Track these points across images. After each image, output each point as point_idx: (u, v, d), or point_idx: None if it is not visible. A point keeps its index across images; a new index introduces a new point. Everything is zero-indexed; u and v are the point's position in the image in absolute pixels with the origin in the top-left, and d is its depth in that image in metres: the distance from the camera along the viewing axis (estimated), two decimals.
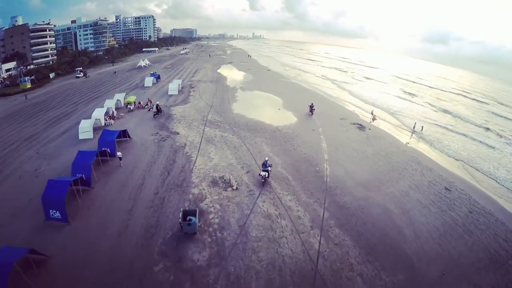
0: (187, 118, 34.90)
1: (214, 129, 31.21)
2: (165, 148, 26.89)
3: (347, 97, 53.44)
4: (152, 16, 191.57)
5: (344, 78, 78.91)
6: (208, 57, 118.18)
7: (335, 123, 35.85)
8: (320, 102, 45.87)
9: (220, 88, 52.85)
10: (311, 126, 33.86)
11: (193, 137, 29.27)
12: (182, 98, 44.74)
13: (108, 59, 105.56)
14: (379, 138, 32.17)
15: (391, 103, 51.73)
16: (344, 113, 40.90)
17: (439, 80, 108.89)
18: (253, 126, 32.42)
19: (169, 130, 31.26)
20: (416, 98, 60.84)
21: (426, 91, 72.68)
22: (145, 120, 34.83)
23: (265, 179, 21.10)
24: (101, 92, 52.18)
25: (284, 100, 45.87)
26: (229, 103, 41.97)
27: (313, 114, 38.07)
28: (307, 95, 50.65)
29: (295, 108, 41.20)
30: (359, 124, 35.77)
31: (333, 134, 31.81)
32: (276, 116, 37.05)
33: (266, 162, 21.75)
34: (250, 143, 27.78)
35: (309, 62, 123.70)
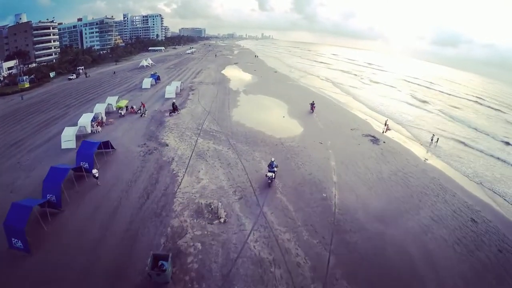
0: (180, 127, 31.41)
1: (208, 141, 27.63)
2: (150, 163, 23.47)
3: (356, 103, 49.12)
4: (160, 15, 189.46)
5: (353, 82, 74.14)
6: (214, 57, 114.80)
7: (346, 134, 31.91)
8: (329, 109, 42.13)
9: (221, 91, 49.28)
10: (319, 137, 29.98)
11: (183, 150, 25.76)
12: (179, 102, 41.26)
13: (112, 58, 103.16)
14: (395, 153, 28.18)
15: (403, 112, 46.92)
16: (355, 122, 36.82)
17: (450, 84, 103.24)
18: (253, 138, 28.71)
19: (158, 140, 27.84)
20: (428, 105, 55.64)
21: (438, 97, 67.48)
22: (135, 128, 31.51)
23: (271, 180, 20.50)
24: (97, 93, 49.26)
25: (290, 106, 42.05)
26: (229, 109, 38.32)
27: (318, 118, 34.82)
28: (314, 100, 46.65)
29: (302, 115, 37.46)
30: (372, 136, 31.77)
31: (343, 148, 27.91)
32: (279, 125, 33.21)
33: (272, 163, 20.87)
34: (247, 160, 24.10)
35: (318, 64, 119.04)
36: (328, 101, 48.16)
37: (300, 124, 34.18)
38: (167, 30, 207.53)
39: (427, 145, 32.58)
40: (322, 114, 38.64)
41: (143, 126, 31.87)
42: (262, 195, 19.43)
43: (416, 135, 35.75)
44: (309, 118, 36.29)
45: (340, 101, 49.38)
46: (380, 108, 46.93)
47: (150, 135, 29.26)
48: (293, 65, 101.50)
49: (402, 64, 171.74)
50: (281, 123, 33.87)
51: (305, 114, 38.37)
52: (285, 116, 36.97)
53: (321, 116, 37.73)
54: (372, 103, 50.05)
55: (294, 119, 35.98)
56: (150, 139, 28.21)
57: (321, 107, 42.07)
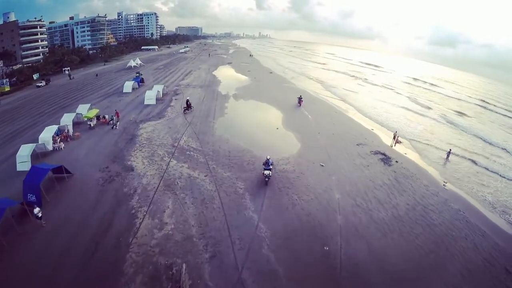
0: (154, 143, 25.81)
1: (182, 164, 22.03)
2: (107, 195, 18.07)
3: (359, 109, 43.59)
4: (155, 13, 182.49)
5: (353, 85, 68.17)
6: (208, 56, 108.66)
7: (351, 151, 26.31)
8: (330, 117, 36.61)
9: (208, 96, 43.56)
10: (320, 157, 24.41)
11: (150, 177, 20.21)
12: (159, 109, 35.63)
13: (101, 58, 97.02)
14: (410, 177, 22.80)
15: (408, 121, 40.71)
16: (361, 134, 31.14)
17: (451, 86, 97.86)
18: (238, 159, 23.08)
19: (123, 162, 22.28)
20: (433, 112, 49.27)
21: (441, 101, 61.46)
22: (102, 144, 25.96)
23: (268, 178, 19.60)
24: (75, 98, 43.59)
25: (286, 114, 36.33)
26: (214, 119, 32.54)
27: (318, 129, 29.97)
28: (315, 107, 41.05)
29: (299, 126, 31.82)
30: (382, 154, 26.30)
31: (349, 172, 22.36)
32: (272, 140, 27.47)
33: (268, 161, 19.95)
34: (227, 193, 18.54)
35: (316, 64, 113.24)
36: (329, 107, 42.43)
37: (297, 138, 28.49)
38: (162, 28, 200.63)
39: (441, 163, 27.29)
40: (323, 124, 33.25)
41: (111, 142, 26.29)
42: (256, 199, 13.99)
43: (427, 150, 30.28)
44: (307, 130, 30.66)
45: (343, 107, 43.78)
46: (384, 116, 41.13)
47: (116, 154, 23.69)
48: (290, 66, 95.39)
49: (401, 65, 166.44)
50: (274, 137, 28.18)
51: (303, 124, 32.80)
52: (279, 127, 31.23)
53: (322, 126, 32.25)
54: (373, 110, 44.20)
55: (290, 131, 30.32)
56: (115, 160, 22.65)
57: (322, 115, 36.81)
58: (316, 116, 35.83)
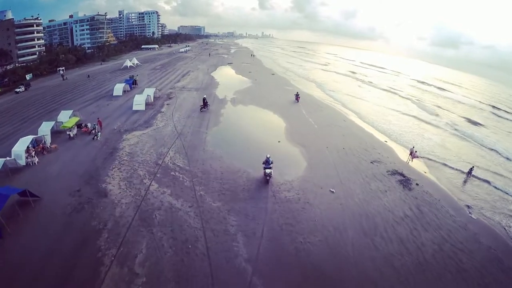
0: (135, 159, 22.05)
1: (164, 189, 18.23)
2: (73, 230, 14.73)
3: (368, 119, 39.20)
4: (156, 12, 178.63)
5: (358, 89, 63.82)
6: (208, 56, 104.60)
7: (366, 171, 22.32)
8: (339, 128, 32.37)
9: None
10: (329, 179, 20.52)
11: (126, 206, 16.48)
12: (147, 116, 31.83)
13: (99, 57, 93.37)
14: (433, 204, 19.03)
15: (419, 133, 35.61)
16: (374, 148, 27.16)
17: (459, 89, 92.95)
18: (231, 183, 19.23)
19: (98, 185, 18.61)
20: (443, 120, 44.02)
21: (452, 107, 56.77)
22: (79, 159, 22.38)
23: (270, 177, 19.17)
24: (63, 102, 40.14)
25: (290, 123, 32.34)
26: (206, 129, 28.64)
27: (327, 142, 26.22)
28: (321, 114, 37.04)
29: (305, 138, 27.83)
30: (401, 174, 22.40)
31: (365, 201, 18.44)
32: (273, 157, 23.25)
33: (268, 159, 19.50)
34: (216, 233, 14.69)
35: (319, 65, 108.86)
36: (337, 115, 38.20)
37: (302, 153, 24.51)
38: (164, 27, 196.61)
39: (463, 184, 23.39)
40: (331, 135, 29.49)
41: (89, 157, 22.60)
42: None
43: (444, 168, 26.09)
44: (314, 143, 26.68)
45: (350, 115, 39.71)
46: (394, 126, 36.69)
47: (91, 173, 20.01)
48: (293, 67, 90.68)
49: (404, 66, 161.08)
50: (275, 153, 23.80)
51: (309, 135, 28.88)
52: (282, 140, 27.26)
53: (330, 139, 28.37)
54: (383, 119, 39.66)
55: (294, 144, 26.36)
56: (89, 181, 18.99)
57: (330, 125, 32.89)
58: (323, 126, 31.96)
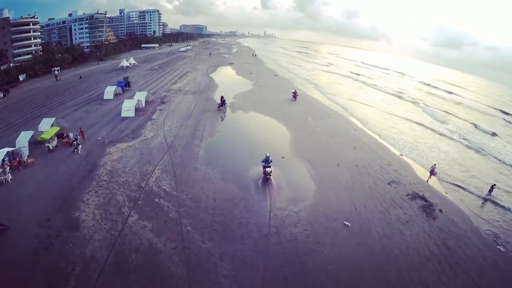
0: (116, 179, 18.71)
1: (145, 222, 14.83)
2: (37, 274, 11.66)
3: (378, 126, 35.43)
4: (158, 10, 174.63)
5: (364, 94, 59.35)
6: (208, 56, 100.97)
7: (383, 195, 18.78)
8: (350, 138, 28.67)
9: (200, 106, 36.12)
10: (343, 208, 17.04)
11: (98, 244, 13.26)
12: (136, 125, 28.41)
13: (97, 57, 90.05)
14: (460, 237, 16.00)
15: (432, 146, 30.90)
16: (390, 163, 23.61)
17: (465, 91, 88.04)
18: (225, 214, 15.74)
19: (70, 212, 15.47)
20: (456, 131, 38.84)
21: (463, 114, 51.95)
22: (55, 177, 19.19)
23: (270, 175, 18.55)
24: (52, 105, 37.02)
25: (295, 132, 28.80)
26: (200, 141, 25.04)
27: (339, 157, 22.88)
28: (329, 122, 33.48)
29: (313, 153, 24.22)
30: (422, 198, 19.01)
31: (385, 236, 15.02)
32: (277, 178, 19.61)
33: (268, 158, 18.77)
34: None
35: (322, 67, 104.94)
36: (346, 123, 34.41)
37: (310, 174, 20.81)
38: (165, 26, 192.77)
39: (485, 207, 19.96)
40: (341, 148, 26.04)
41: (66, 174, 19.39)
42: None
43: (463, 189, 22.26)
44: (323, 159, 23.14)
45: (359, 121, 36.12)
46: (405, 137, 32.51)
47: (66, 196, 16.82)
48: (297, 68, 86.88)
49: (407, 66, 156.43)
50: (279, 172, 20.44)
51: (317, 149, 25.35)
52: (286, 154, 23.55)
53: (341, 152, 24.84)
54: (392, 129, 35.38)
55: (301, 161, 22.67)
56: (61, 208, 15.83)
57: (339, 134, 29.42)
58: (331, 136, 28.54)
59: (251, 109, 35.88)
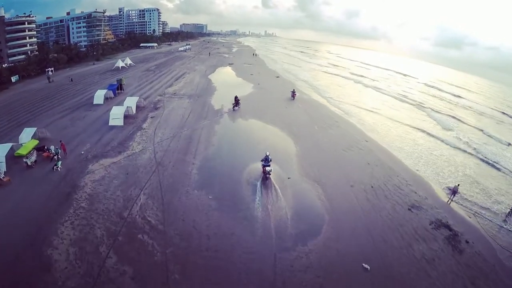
0: (95, 206, 16.01)
1: (125, 266, 12.12)
2: None
3: (388, 136, 32.26)
4: (157, 9, 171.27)
5: (369, 98, 56.14)
6: (208, 55, 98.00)
7: (404, 224, 16.14)
8: (362, 152, 25.75)
9: (196, 112, 33.32)
10: (360, 244, 14.43)
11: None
12: (124, 136, 25.62)
13: (93, 56, 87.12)
14: (488, 274, 13.92)
15: (444, 161, 27.45)
16: (407, 183, 20.77)
17: (469, 93, 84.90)
18: (221, 257, 13.00)
19: (42, 249, 12.97)
20: (468, 143, 34.82)
21: (471, 119, 48.80)
22: (29, 201, 16.55)
23: (269, 174, 18.59)
24: (39, 111, 34.18)
25: (301, 145, 25.87)
26: (194, 157, 22.06)
27: (351, 176, 20.15)
28: (338, 131, 30.55)
29: (323, 171, 21.35)
30: (446, 226, 16.56)
31: (408, 278, 12.56)
32: (282, 205, 16.85)
33: (267, 157, 18.87)
34: None
35: (324, 68, 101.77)
36: (356, 132, 31.45)
37: (320, 199, 17.83)
38: (165, 25, 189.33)
39: (505, 231, 17.38)
40: (353, 163, 23.35)
41: (41, 198, 16.82)
42: None
43: (482, 211, 19.74)
44: (335, 180, 20.30)
45: (367, 128, 33.27)
46: (420, 147, 30.07)
47: (40, 226, 14.39)
48: (299, 70, 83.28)
49: (409, 67, 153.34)
50: (284, 197, 17.64)
51: (328, 164, 22.54)
52: (292, 174, 20.62)
53: (353, 169, 22.14)
54: (404, 137, 32.91)
55: (310, 183, 19.65)
56: (33, 243, 13.32)
57: (351, 147, 26.52)
58: (342, 149, 25.65)
59: (252, 117, 33.06)
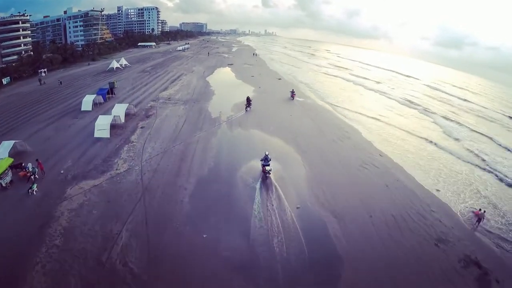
0: (70, 246, 13.15)
1: None
2: None
3: (400, 150, 28.18)
4: (156, 7, 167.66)
5: (374, 104, 53.17)
6: (207, 55, 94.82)
7: (431, 266, 13.23)
8: (376, 170, 22.37)
9: (191, 121, 30.28)
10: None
11: None
12: (109, 150, 22.65)
13: (89, 56, 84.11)
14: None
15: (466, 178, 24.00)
16: (431, 210, 17.72)
17: (474, 96, 79.98)
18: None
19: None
20: (480, 153, 31.18)
21: (482, 127, 43.47)
22: (1, 235, 13.66)
23: (269, 173, 18.41)
24: (22, 119, 31.31)
25: (309, 162, 22.30)
26: (186, 181, 18.77)
27: None
28: (349, 144, 27.11)
29: (337, 197, 18.07)
30: (476, 263, 13.77)
31: None
32: (292, 251, 13.73)
33: (267, 156, 18.61)
34: None
35: (326, 69, 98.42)
36: (367, 145, 27.99)
37: (336, 238, 14.54)
38: (164, 24, 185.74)
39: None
40: (370, 184, 20.31)
41: (10, 232, 14.19)
42: None
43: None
44: (352, 208, 17.07)
45: (376, 140, 30.06)
46: (435, 163, 26.26)
47: (6, 274, 11.39)
48: (300, 72, 79.46)
49: (410, 67, 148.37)
50: (294, 240, 14.54)
51: (342, 189, 19.15)
52: (301, 202, 17.27)
53: (372, 193, 18.96)
54: (418, 149, 29.12)
55: (322, 214, 16.34)
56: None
57: (365, 165, 23.08)
58: (356, 168, 22.20)
59: (252, 126, 29.90)
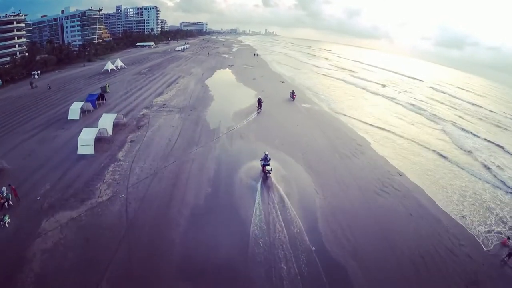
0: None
1: None
2: None
3: (415, 168, 24.63)
4: (156, 7, 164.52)
5: (382, 111, 50.58)
6: (206, 56, 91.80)
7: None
8: (397, 195, 19.18)
9: (187, 133, 27.27)
10: None
11: None
12: (92, 171, 19.64)
13: (86, 57, 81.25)
14: None
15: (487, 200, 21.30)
16: (461, 244, 15.11)
17: (478, 98, 76.55)
18: None
19: None
20: (490, 164, 30.31)
21: (495, 135, 39.87)
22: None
23: (269, 173, 18.40)
24: (7, 128, 28.85)
25: (323, 188, 18.77)
26: (179, 214, 15.76)
27: None
28: (365, 161, 23.73)
29: (357, 232, 15.09)
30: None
31: None
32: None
33: (267, 156, 18.69)
34: None
35: (327, 70, 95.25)
36: (383, 163, 24.48)
37: (357, 283, 12.06)
38: (164, 23, 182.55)
39: None
40: (392, 214, 17.29)
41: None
42: None
43: None
44: (374, 249, 14.11)
45: (395, 155, 27.35)
46: (454, 182, 23.16)
47: None
48: (301, 74, 76.47)
49: (414, 68, 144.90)
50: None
51: (362, 221, 16.07)
52: (316, 244, 13.95)
53: (395, 227, 16.02)
54: (435, 169, 25.25)
55: (341, 255, 13.46)
56: None
57: (384, 188, 19.98)
58: (376, 194, 18.91)
59: (256, 139, 26.79)
